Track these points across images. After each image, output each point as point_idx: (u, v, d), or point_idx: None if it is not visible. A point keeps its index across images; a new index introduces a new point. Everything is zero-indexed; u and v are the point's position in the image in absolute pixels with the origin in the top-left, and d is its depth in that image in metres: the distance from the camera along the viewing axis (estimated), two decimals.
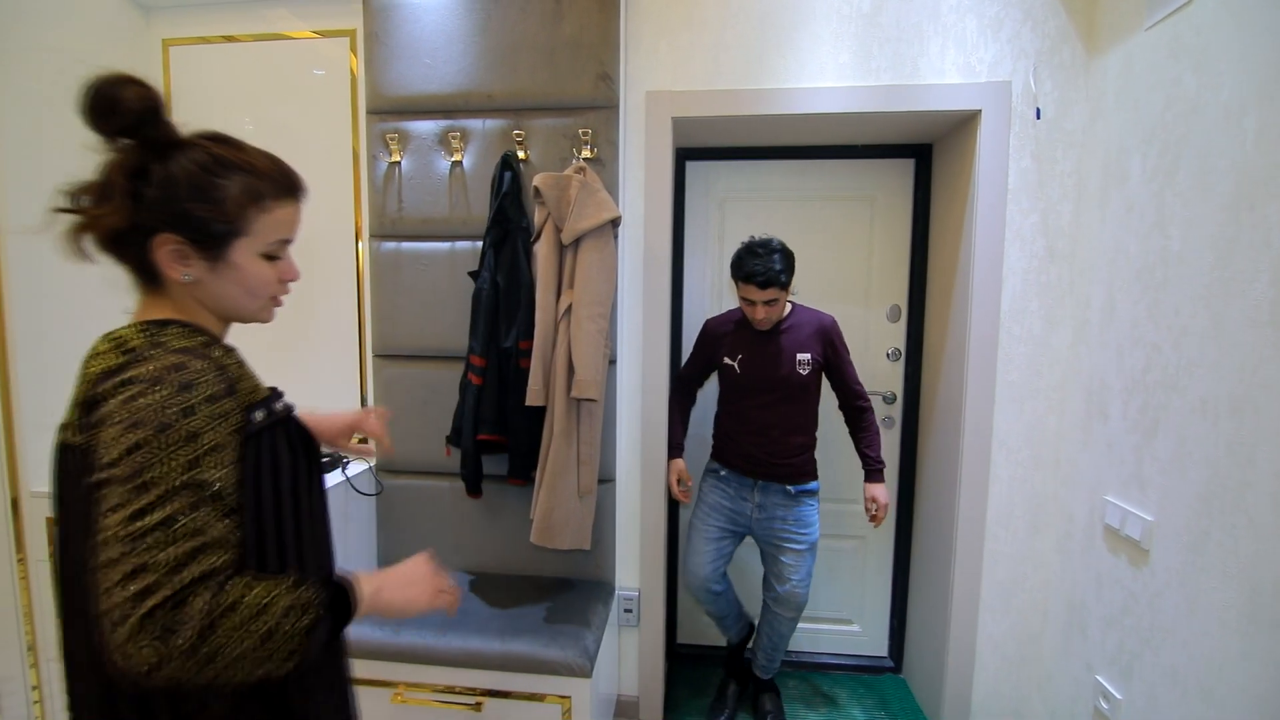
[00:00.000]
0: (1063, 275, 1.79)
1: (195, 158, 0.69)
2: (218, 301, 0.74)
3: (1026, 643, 1.90)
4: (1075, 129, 1.74)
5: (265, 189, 0.73)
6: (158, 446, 0.60)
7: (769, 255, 1.70)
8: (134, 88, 0.67)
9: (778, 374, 1.80)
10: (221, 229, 0.70)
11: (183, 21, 1.99)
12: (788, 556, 1.84)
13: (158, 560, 0.57)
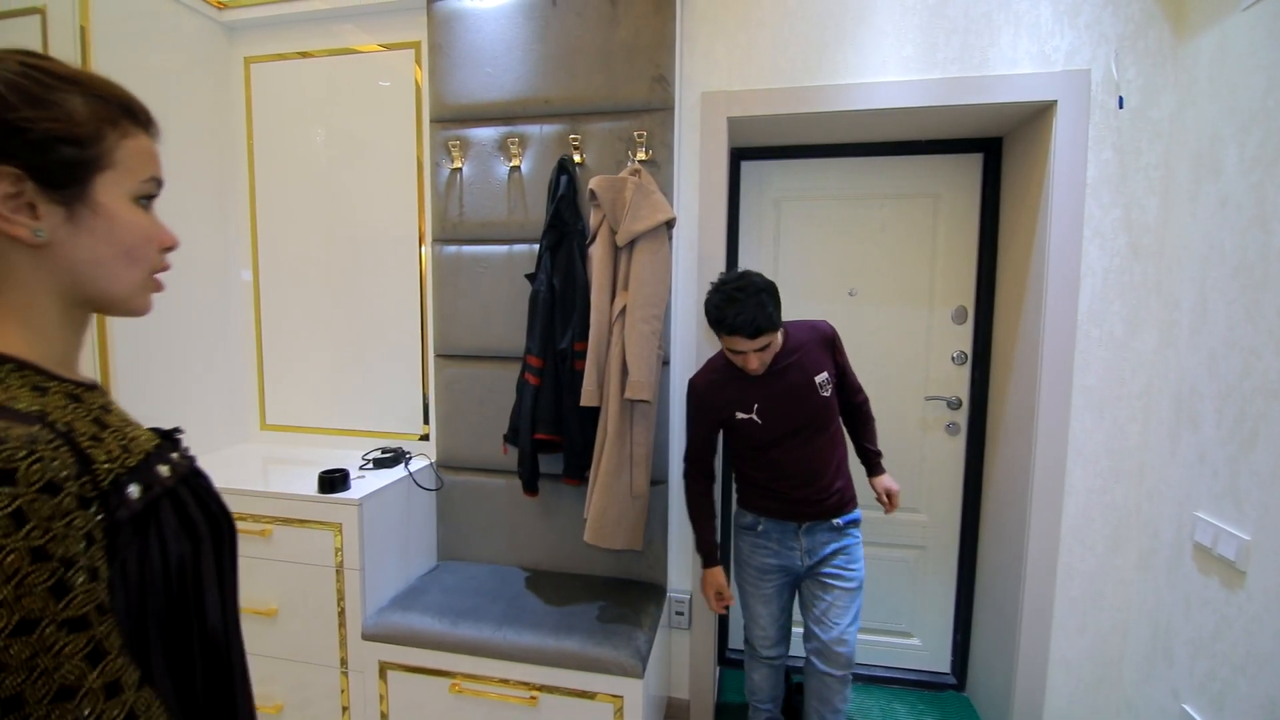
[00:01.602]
0: (1148, 274, 1.67)
1: (13, 67, 0.49)
2: (81, 276, 0.52)
3: (1104, 666, 1.78)
4: (1162, 118, 1.63)
5: (116, 111, 0.54)
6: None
7: (752, 297, 1.44)
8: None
9: (805, 409, 1.58)
10: (74, 153, 0.50)
11: (262, 40, 2.11)
12: (832, 595, 1.63)
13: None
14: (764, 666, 1.80)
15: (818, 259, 2.24)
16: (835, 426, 1.65)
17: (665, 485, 1.92)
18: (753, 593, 1.75)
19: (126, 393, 1.84)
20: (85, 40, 1.73)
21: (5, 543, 0.40)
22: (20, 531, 0.40)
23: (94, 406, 0.52)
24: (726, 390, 1.60)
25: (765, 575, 1.71)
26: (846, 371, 1.69)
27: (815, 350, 1.61)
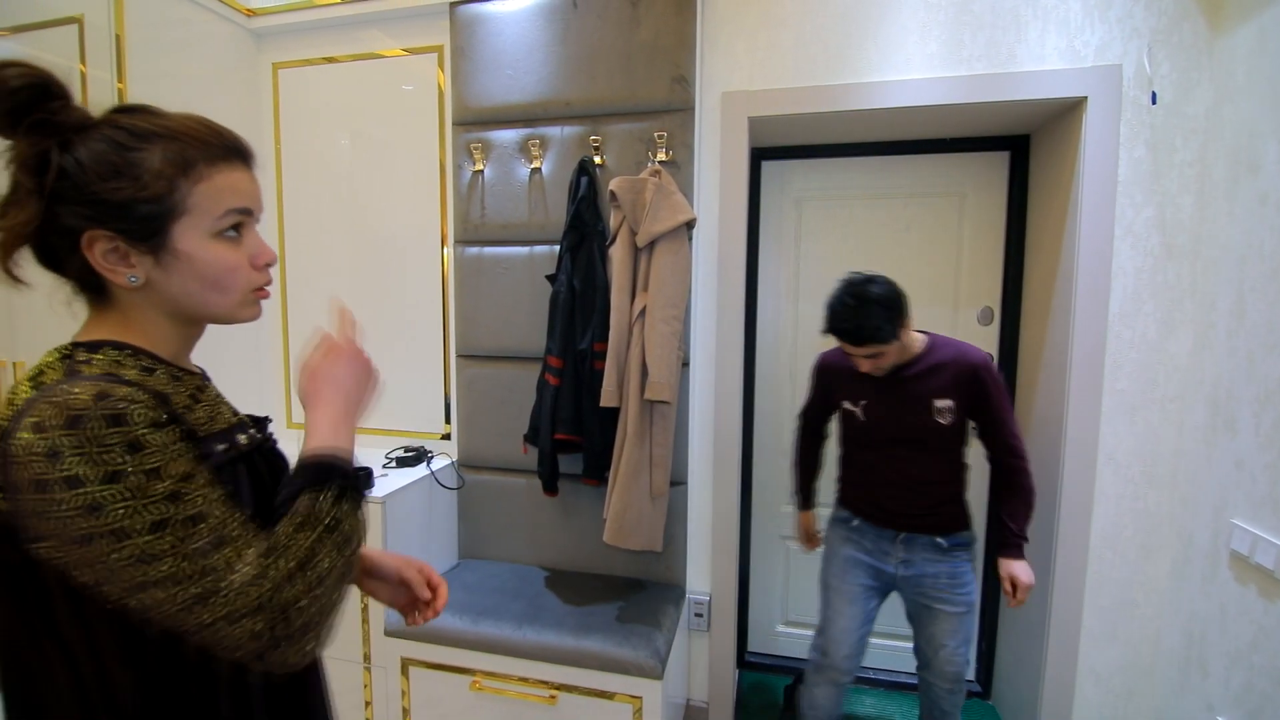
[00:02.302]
0: (1182, 274, 1.63)
1: (104, 134, 0.58)
2: (180, 304, 0.63)
3: (1136, 676, 1.74)
4: (1197, 114, 1.59)
5: (194, 153, 0.60)
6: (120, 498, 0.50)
7: (862, 309, 1.40)
8: (14, 68, 0.57)
9: (912, 423, 1.51)
10: (150, 209, 0.58)
11: (289, 46, 2.15)
12: (942, 621, 1.55)
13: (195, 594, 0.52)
14: (828, 685, 1.65)
15: (840, 259, 2.21)
16: (952, 455, 1.55)
17: (685, 486, 1.91)
18: (836, 587, 1.65)
19: None
20: (120, 48, 1.78)
21: (125, 466, 0.51)
22: (136, 456, 0.52)
23: (191, 386, 0.65)
24: (843, 375, 1.60)
25: (852, 570, 1.63)
26: (996, 420, 1.50)
27: (950, 375, 1.49)
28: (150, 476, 0.52)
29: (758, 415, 2.32)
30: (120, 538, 0.50)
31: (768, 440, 2.32)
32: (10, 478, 0.51)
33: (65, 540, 0.50)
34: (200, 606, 0.52)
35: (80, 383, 0.53)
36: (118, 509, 0.50)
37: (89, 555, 0.51)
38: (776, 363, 2.30)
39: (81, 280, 0.62)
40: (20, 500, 0.51)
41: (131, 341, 0.62)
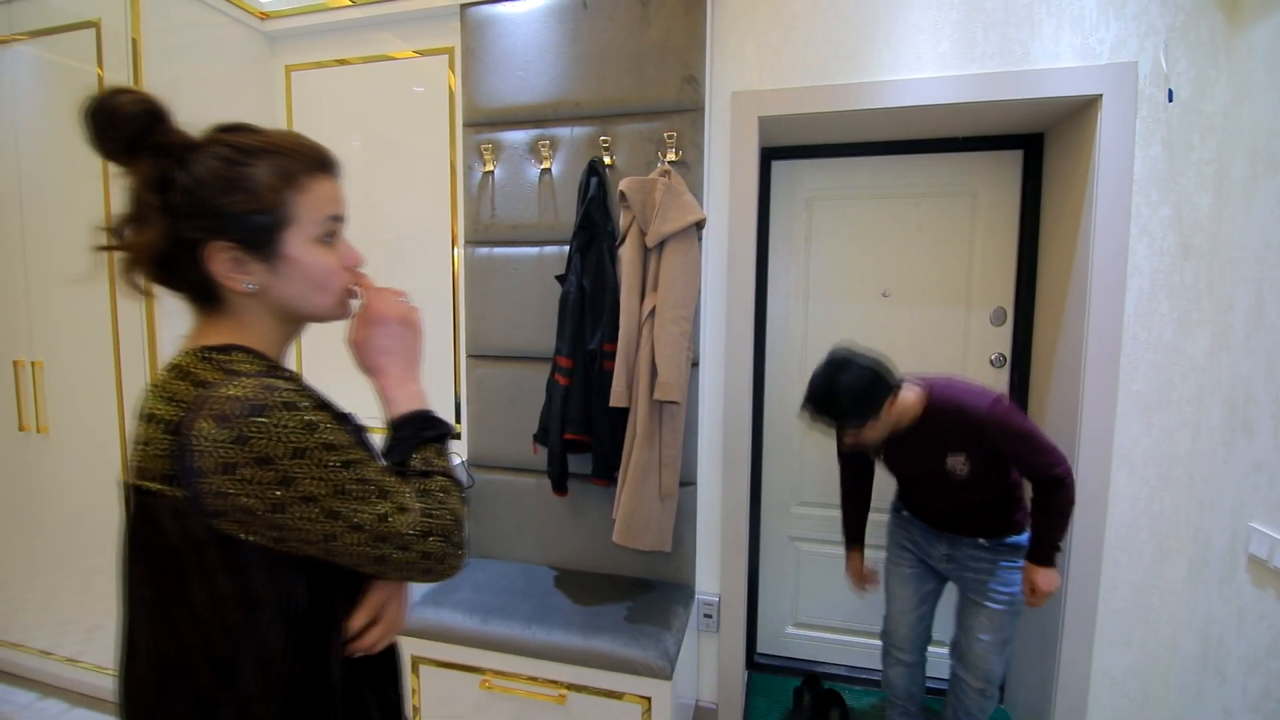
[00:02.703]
0: (1199, 274, 1.60)
1: (215, 152, 0.64)
2: (288, 306, 0.70)
3: (1151, 681, 1.71)
4: (1215, 111, 1.56)
5: (295, 166, 0.67)
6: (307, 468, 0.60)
7: (833, 393, 1.39)
8: (127, 95, 0.63)
9: (928, 474, 1.53)
10: (265, 220, 0.65)
11: (302, 48, 2.17)
12: (981, 615, 1.56)
13: (381, 532, 0.63)
14: (895, 664, 1.75)
15: (851, 259, 2.20)
16: (990, 485, 1.50)
17: (694, 486, 1.91)
18: (893, 570, 1.76)
19: None
20: (136, 51, 1.80)
21: (307, 444, 0.60)
22: (313, 435, 0.61)
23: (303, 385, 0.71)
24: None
25: (903, 554, 1.73)
26: (1019, 461, 1.46)
27: (955, 435, 1.45)
28: (327, 450, 0.61)
29: (767, 415, 2.31)
30: (310, 502, 0.60)
31: (777, 440, 2.31)
32: (191, 465, 0.58)
33: (256, 510, 0.59)
34: (381, 544, 0.62)
35: (247, 379, 0.61)
36: (306, 480, 0.59)
37: (280, 520, 0.59)
38: (786, 363, 2.29)
39: (196, 289, 0.67)
40: (203, 483, 0.58)
41: (248, 344, 0.68)
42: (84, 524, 2.06)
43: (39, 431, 2.07)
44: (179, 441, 0.59)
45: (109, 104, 0.62)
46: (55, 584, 2.13)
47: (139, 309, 1.87)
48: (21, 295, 2.04)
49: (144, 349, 1.88)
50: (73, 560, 2.10)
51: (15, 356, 2.07)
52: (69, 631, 2.13)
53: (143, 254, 0.64)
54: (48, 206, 1.98)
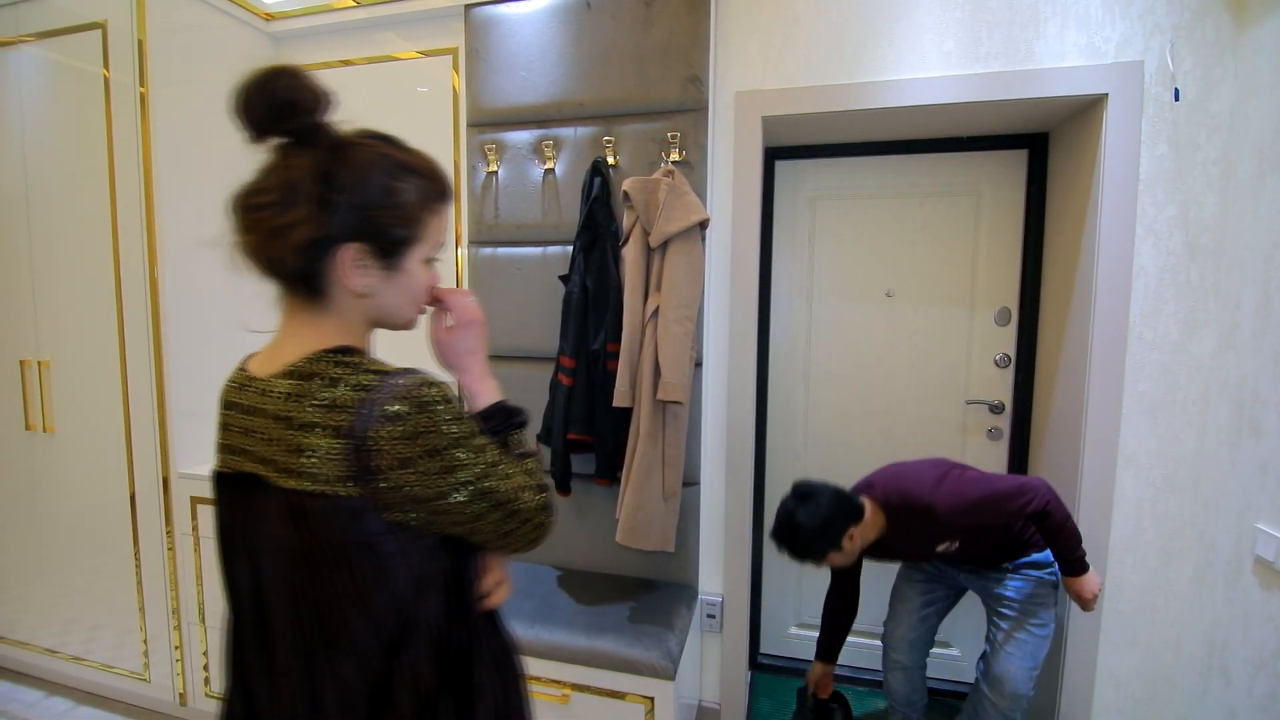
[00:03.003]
0: (1206, 274, 1.60)
1: (375, 161, 0.67)
2: (381, 312, 0.73)
3: (1156, 683, 1.71)
4: (1222, 110, 1.56)
5: (433, 192, 0.72)
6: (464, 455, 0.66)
7: (793, 531, 1.47)
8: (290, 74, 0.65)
9: (930, 559, 1.63)
10: (402, 235, 0.69)
11: (307, 49, 2.18)
12: (1010, 627, 1.56)
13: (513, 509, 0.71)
14: (896, 669, 1.73)
15: (854, 259, 2.20)
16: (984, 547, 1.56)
17: (697, 486, 1.91)
18: (904, 572, 1.75)
19: (179, 389, 1.91)
20: (142, 53, 1.81)
21: (460, 433, 0.66)
22: (462, 425, 0.67)
23: None
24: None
25: (920, 566, 1.72)
26: (985, 523, 1.49)
27: (927, 529, 1.49)
28: (472, 437, 0.68)
29: (770, 416, 2.31)
30: (466, 487, 0.66)
31: (780, 441, 2.31)
32: (370, 464, 0.62)
33: (422, 499, 0.64)
34: (511, 520, 0.71)
35: (402, 379, 0.64)
36: (463, 467, 0.66)
37: (443, 505, 0.66)
38: (790, 363, 2.28)
39: (300, 278, 0.68)
40: (380, 479, 0.62)
41: (355, 344, 0.71)
42: (89, 523, 2.07)
43: (45, 431, 2.08)
44: (352, 444, 0.62)
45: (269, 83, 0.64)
46: (61, 583, 2.15)
47: (145, 311, 1.87)
48: (28, 295, 2.05)
49: (149, 350, 1.89)
50: (78, 559, 2.11)
51: (22, 356, 2.08)
52: (74, 630, 2.14)
53: (288, 240, 0.64)
54: (54, 207, 1.99)
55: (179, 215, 1.90)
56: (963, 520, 1.44)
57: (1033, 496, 1.42)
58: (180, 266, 1.90)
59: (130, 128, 1.84)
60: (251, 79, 0.64)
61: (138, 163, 1.84)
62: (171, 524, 1.96)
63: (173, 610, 2.00)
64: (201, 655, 2.00)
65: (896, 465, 1.60)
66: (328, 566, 0.64)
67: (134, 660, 2.07)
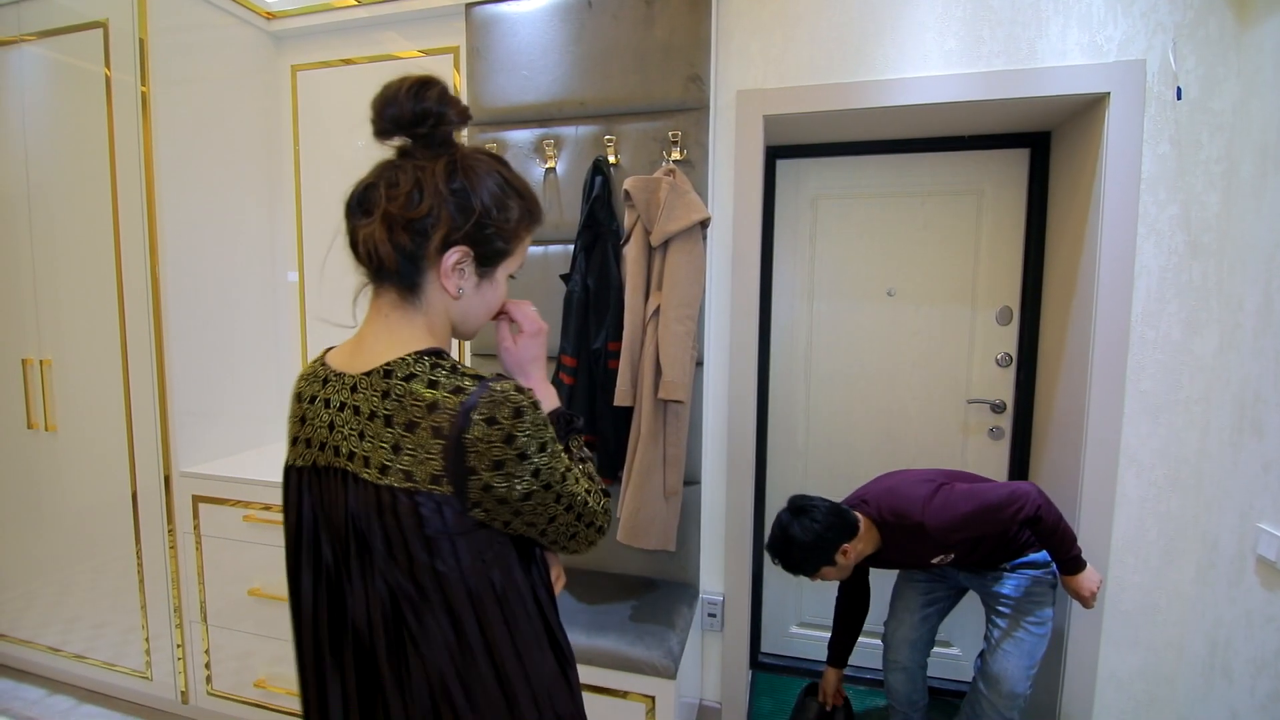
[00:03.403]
0: (1208, 273, 1.59)
1: (492, 174, 0.73)
2: (463, 317, 0.77)
3: (1157, 683, 1.70)
4: (1224, 109, 1.55)
5: (528, 213, 0.77)
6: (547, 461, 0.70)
7: (787, 546, 1.54)
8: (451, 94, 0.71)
9: (928, 568, 1.67)
10: (501, 247, 0.75)
11: (308, 49, 2.18)
12: (1006, 625, 1.58)
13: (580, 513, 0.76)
14: (896, 669, 1.74)
15: (856, 258, 2.20)
16: (981, 553, 1.58)
17: (698, 486, 1.91)
18: (905, 575, 1.77)
19: (181, 387, 1.92)
20: (144, 52, 1.81)
21: (546, 438, 0.70)
22: (546, 430, 0.70)
23: None
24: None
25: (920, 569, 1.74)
26: (979, 534, 1.49)
27: (921, 543, 1.52)
28: (552, 443, 0.71)
29: (772, 415, 2.31)
30: (548, 488, 0.70)
31: (782, 440, 2.31)
32: (466, 464, 0.65)
33: (509, 500, 0.68)
34: (578, 522, 0.76)
35: (498, 383, 0.67)
36: (547, 470, 0.70)
37: (525, 506, 0.69)
38: (791, 362, 2.28)
39: (404, 275, 0.71)
40: (473, 478, 0.66)
41: (441, 347, 0.74)
42: (91, 522, 2.07)
43: (47, 429, 2.08)
44: (449, 444, 0.65)
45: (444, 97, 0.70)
46: (63, 581, 2.15)
47: (146, 310, 1.88)
48: (30, 294, 2.05)
49: (151, 348, 1.89)
50: (80, 558, 2.11)
51: (24, 355, 2.08)
52: (76, 628, 2.15)
53: (411, 226, 0.69)
54: (56, 206, 1.99)
55: (180, 214, 1.90)
56: (955, 536, 1.47)
57: (1024, 503, 1.43)
58: (181, 265, 1.90)
59: (131, 127, 1.84)
60: (404, 83, 0.69)
61: (139, 162, 1.84)
62: (173, 523, 1.96)
63: (175, 609, 2.00)
64: (203, 654, 2.00)
65: (890, 479, 1.62)
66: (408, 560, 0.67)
67: (136, 658, 2.08)
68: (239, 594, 1.92)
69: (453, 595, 0.69)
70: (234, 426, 2.12)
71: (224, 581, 1.94)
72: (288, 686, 1.90)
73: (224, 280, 2.06)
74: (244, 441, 2.15)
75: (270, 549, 1.88)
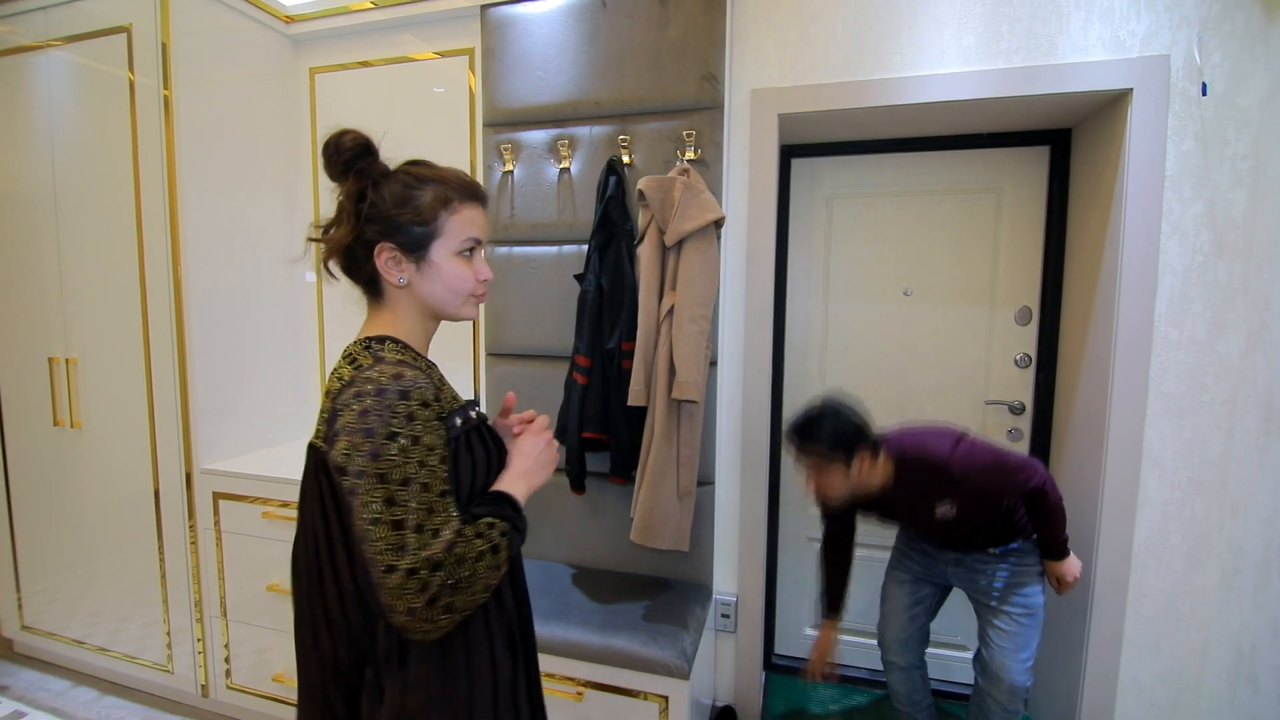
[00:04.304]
0: (1234, 273, 1.56)
1: (398, 178, 0.85)
2: (427, 301, 0.87)
3: (1181, 690, 1.67)
4: (1251, 105, 1.52)
5: (451, 194, 0.86)
6: (392, 452, 0.72)
7: (816, 419, 1.46)
8: (350, 134, 0.84)
9: (920, 521, 1.59)
10: (421, 231, 0.84)
11: (326, 51, 2.20)
12: (997, 619, 1.56)
13: (406, 540, 0.71)
14: (894, 670, 1.74)
15: (871, 257, 2.18)
16: (986, 514, 1.51)
17: (712, 486, 1.91)
18: (890, 574, 1.76)
19: (201, 386, 1.95)
20: (166, 56, 1.84)
21: (401, 431, 0.73)
22: (410, 425, 0.74)
23: (435, 376, 0.86)
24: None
25: (905, 562, 1.73)
26: (1001, 490, 1.46)
27: (932, 485, 1.47)
28: (414, 442, 0.73)
29: (786, 415, 2.29)
30: (381, 479, 0.71)
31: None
32: (334, 427, 0.76)
33: (351, 474, 0.72)
34: (397, 554, 0.70)
35: (385, 365, 0.77)
36: (387, 459, 0.72)
37: (359, 487, 0.72)
38: (806, 362, 2.27)
39: (367, 281, 0.87)
40: (336, 441, 0.75)
41: (400, 336, 0.86)
42: (115, 517, 2.11)
43: (72, 426, 2.12)
44: (332, 408, 0.78)
45: (337, 141, 0.84)
46: (88, 575, 2.19)
47: (169, 309, 1.91)
48: (56, 294, 2.09)
49: (173, 348, 1.92)
50: (104, 552, 2.16)
51: (50, 354, 2.13)
52: (100, 622, 2.19)
53: (336, 246, 0.85)
54: (81, 208, 2.03)
55: (201, 215, 1.93)
56: (972, 482, 1.43)
57: (1033, 474, 1.45)
58: (202, 266, 1.93)
59: (154, 129, 1.87)
60: (330, 137, 0.84)
61: (161, 164, 1.87)
62: (194, 519, 1.99)
63: (195, 603, 2.03)
64: (223, 648, 2.03)
65: (909, 425, 1.58)
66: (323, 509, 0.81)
67: (157, 652, 2.12)
68: (258, 589, 1.95)
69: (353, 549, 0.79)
70: (251, 425, 2.15)
71: (243, 577, 1.97)
72: None
73: (243, 281, 2.09)
74: (261, 440, 2.18)
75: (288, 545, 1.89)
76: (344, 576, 0.80)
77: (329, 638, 0.82)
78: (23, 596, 2.31)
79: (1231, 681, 1.54)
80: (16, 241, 2.14)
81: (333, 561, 0.81)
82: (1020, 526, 1.55)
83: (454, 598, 0.72)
